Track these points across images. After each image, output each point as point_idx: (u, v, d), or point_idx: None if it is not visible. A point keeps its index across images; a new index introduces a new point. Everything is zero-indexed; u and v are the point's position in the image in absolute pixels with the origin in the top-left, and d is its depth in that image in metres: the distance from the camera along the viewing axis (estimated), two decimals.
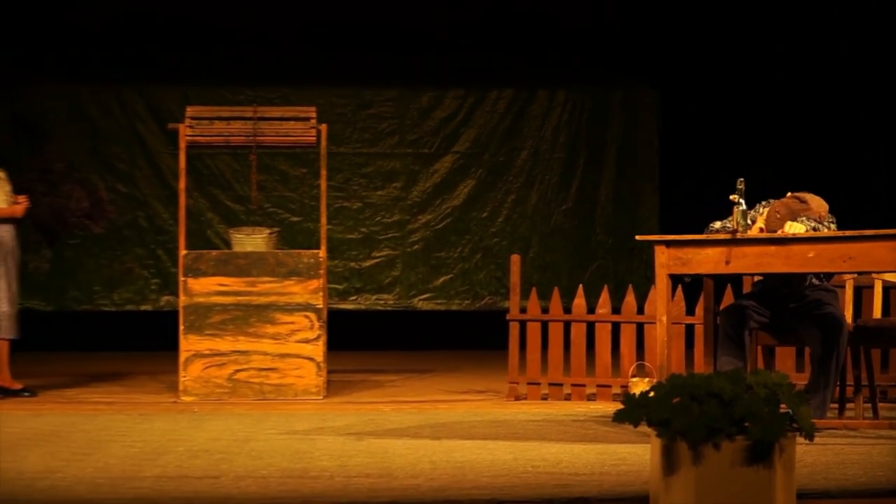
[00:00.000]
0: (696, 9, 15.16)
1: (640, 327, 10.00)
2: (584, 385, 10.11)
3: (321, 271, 10.29)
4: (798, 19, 14.73)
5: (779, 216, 8.14)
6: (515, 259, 10.47)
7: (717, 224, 8.16)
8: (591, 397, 10.07)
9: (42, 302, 15.42)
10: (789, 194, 8.29)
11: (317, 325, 10.24)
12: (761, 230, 8.15)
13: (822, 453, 6.82)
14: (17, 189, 10.60)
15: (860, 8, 14.21)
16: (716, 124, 15.01)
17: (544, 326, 10.23)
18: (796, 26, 14.73)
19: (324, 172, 10.70)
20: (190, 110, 10.63)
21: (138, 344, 14.28)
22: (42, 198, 15.30)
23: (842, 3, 14.43)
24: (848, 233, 7.69)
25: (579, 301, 10.19)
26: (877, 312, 8.83)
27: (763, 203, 8.38)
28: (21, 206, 10.48)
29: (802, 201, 8.20)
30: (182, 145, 10.54)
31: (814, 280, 8.33)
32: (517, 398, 10.17)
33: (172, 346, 10.35)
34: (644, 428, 5.17)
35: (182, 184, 10.65)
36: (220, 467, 6.66)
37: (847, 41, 14.40)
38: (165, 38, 15.48)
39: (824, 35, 14.55)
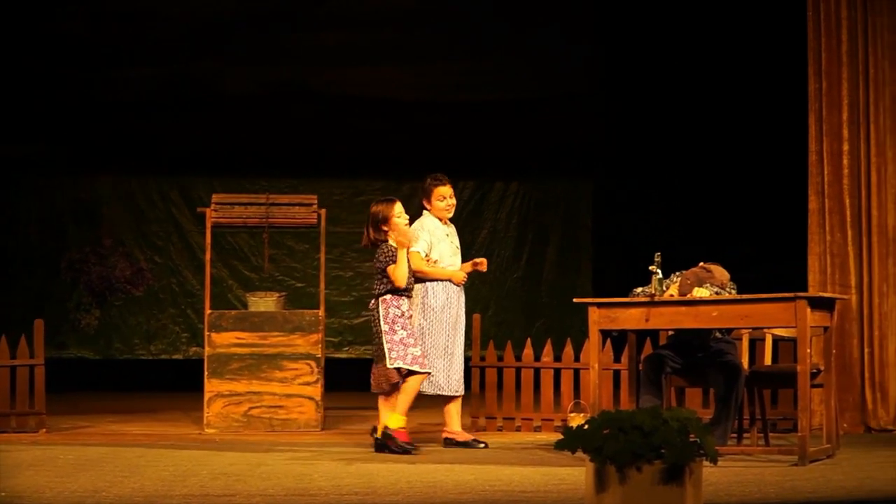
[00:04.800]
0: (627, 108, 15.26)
1: (576, 372, 9.96)
2: (531, 419, 10.08)
3: (320, 327, 10.24)
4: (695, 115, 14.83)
5: (689, 283, 8.14)
6: (476, 317, 10.45)
7: (639, 289, 8.14)
8: (537, 429, 10.02)
9: (91, 352, 15.31)
10: (700, 264, 8.29)
11: (316, 370, 10.17)
12: (672, 295, 8.14)
13: (724, 474, 6.79)
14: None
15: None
16: (637, 206, 15.04)
17: (500, 371, 10.19)
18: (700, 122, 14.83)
19: (323, 248, 10.68)
20: (215, 197, 10.59)
21: (170, 386, 14.15)
22: (93, 267, 15.28)
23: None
24: (744, 296, 7.75)
25: (528, 351, 10.18)
26: (767, 360, 8.85)
27: (676, 273, 8.38)
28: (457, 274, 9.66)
29: (708, 271, 8.19)
30: (208, 225, 10.48)
31: (717, 334, 8.31)
32: (478, 430, 10.11)
33: (198, 388, 10.24)
34: (580, 454, 5.14)
35: (208, 256, 10.59)
36: (236, 487, 6.60)
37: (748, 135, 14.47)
38: (196, 139, 15.48)
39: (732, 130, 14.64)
